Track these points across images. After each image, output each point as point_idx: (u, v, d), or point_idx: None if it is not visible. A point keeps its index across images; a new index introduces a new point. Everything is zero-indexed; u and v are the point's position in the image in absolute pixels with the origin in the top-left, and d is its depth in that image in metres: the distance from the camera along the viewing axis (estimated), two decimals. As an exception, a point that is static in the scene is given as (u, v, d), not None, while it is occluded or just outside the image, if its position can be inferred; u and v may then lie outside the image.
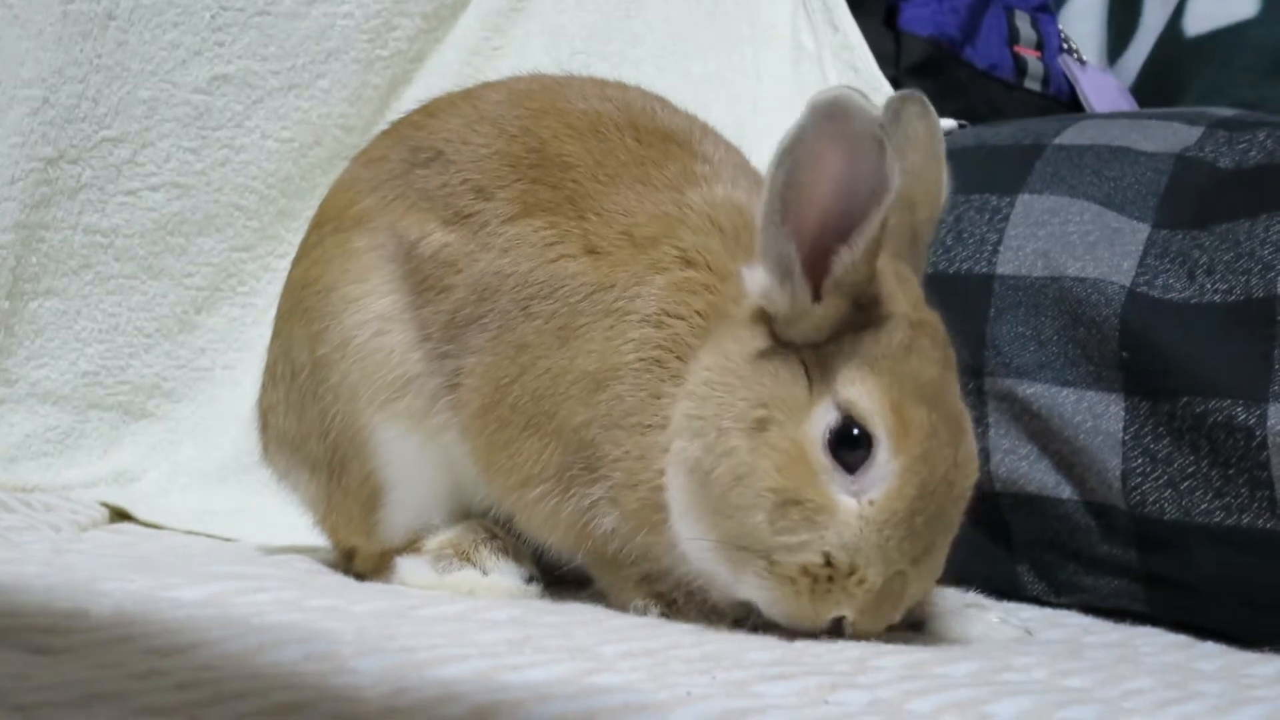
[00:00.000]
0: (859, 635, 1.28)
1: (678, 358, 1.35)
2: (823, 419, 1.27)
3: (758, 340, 1.31)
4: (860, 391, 1.26)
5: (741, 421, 1.28)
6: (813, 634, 1.29)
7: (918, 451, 1.25)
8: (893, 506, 1.25)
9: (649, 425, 1.35)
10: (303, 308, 1.56)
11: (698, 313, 1.36)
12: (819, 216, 1.26)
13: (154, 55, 2.24)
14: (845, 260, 1.26)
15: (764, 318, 1.32)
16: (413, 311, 1.49)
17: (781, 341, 1.30)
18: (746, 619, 1.34)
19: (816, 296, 1.28)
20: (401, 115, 1.68)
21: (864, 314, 1.29)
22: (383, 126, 1.72)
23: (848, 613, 1.27)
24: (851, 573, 1.26)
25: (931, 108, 1.44)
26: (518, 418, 1.42)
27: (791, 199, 1.26)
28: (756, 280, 1.31)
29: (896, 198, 1.24)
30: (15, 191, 2.12)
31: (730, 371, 1.31)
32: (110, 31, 2.20)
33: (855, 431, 1.26)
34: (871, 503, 1.25)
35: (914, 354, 1.29)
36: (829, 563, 1.26)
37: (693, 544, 1.32)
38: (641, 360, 1.36)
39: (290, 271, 1.64)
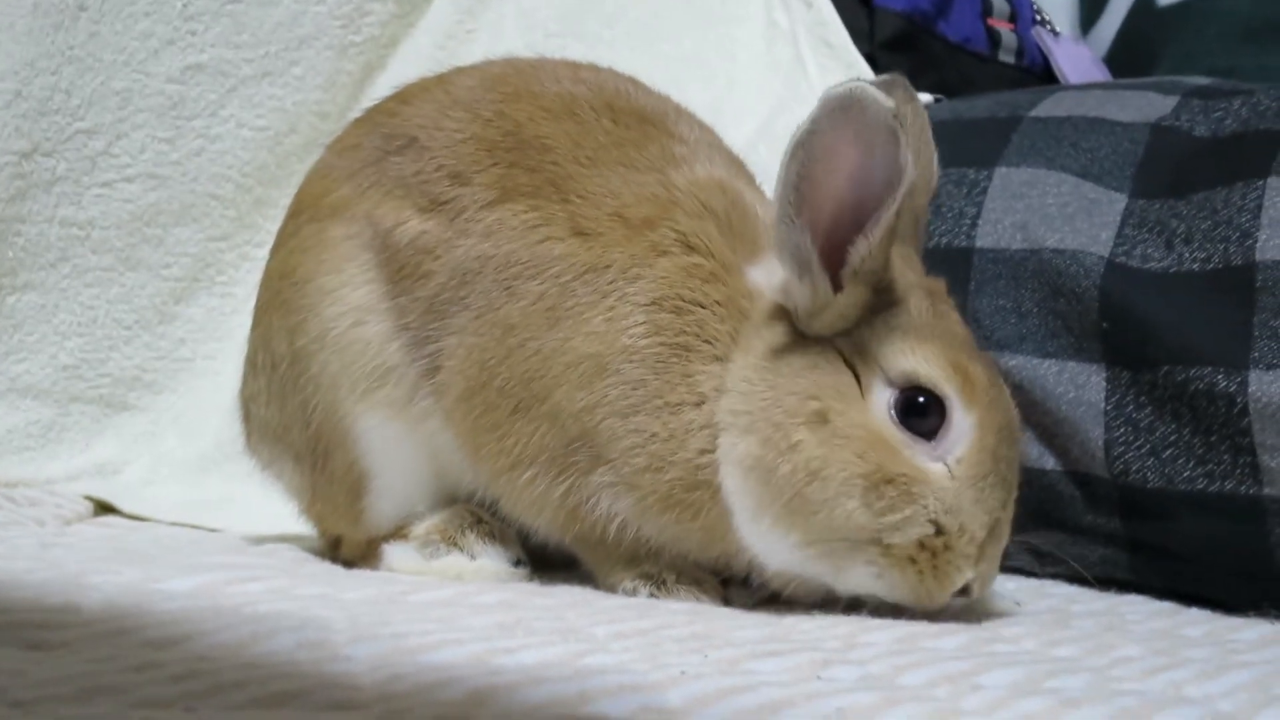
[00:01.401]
0: (977, 600, 1.33)
1: (706, 341, 1.37)
2: (881, 397, 1.30)
3: (780, 336, 1.34)
4: (918, 360, 1.30)
5: (797, 416, 1.30)
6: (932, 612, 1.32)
7: (985, 401, 1.30)
8: (979, 460, 1.30)
9: (680, 403, 1.35)
10: (280, 299, 1.55)
11: (717, 302, 1.38)
12: (834, 208, 1.29)
13: (126, 46, 2.23)
14: (862, 249, 1.28)
15: (782, 314, 1.34)
16: (390, 301, 1.49)
17: (805, 335, 1.33)
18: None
19: (835, 287, 1.30)
20: (375, 103, 1.67)
21: (882, 297, 1.32)
22: (357, 113, 1.71)
23: (969, 575, 1.30)
24: (962, 533, 1.29)
25: (913, 89, 1.46)
26: (505, 401, 1.41)
27: (806, 192, 1.28)
28: (773, 276, 1.35)
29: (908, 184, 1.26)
30: (-11, 186, 2.10)
31: (766, 368, 1.33)
32: (82, 23, 2.19)
33: (921, 399, 1.29)
34: (959, 461, 1.29)
35: (941, 318, 1.34)
36: (939, 530, 1.29)
37: (777, 546, 1.33)
38: (664, 345, 1.36)
39: (268, 262, 1.63)
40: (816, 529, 1.30)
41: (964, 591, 1.32)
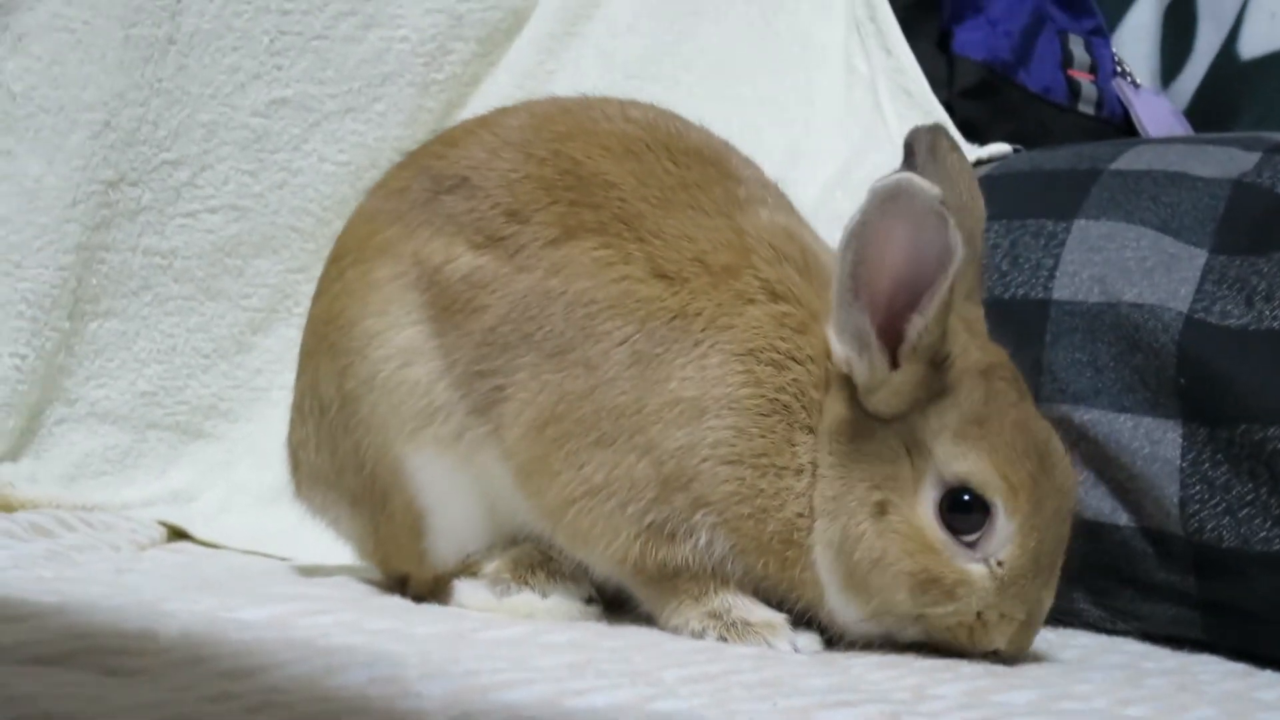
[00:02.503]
0: (1012, 658, 1.41)
1: (803, 408, 1.41)
2: (929, 495, 1.37)
3: (846, 410, 1.40)
4: (969, 465, 1.36)
5: (865, 506, 1.38)
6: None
7: (1029, 507, 1.36)
8: (1020, 561, 1.37)
9: (784, 468, 1.41)
10: (327, 344, 1.56)
11: (810, 358, 1.42)
12: (889, 288, 1.35)
13: (213, 79, 2.27)
14: (919, 326, 1.34)
15: (846, 383, 1.40)
16: (437, 340, 1.49)
17: (867, 412, 1.39)
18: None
19: (893, 364, 1.37)
20: (417, 146, 1.68)
21: (940, 375, 1.37)
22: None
23: (1001, 646, 1.40)
24: (1001, 619, 1.38)
25: (954, 138, 1.54)
26: (586, 431, 1.42)
27: (862, 276, 1.35)
28: (836, 350, 1.39)
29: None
30: (76, 213, 2.14)
31: (843, 453, 1.39)
32: (171, 56, 2.23)
33: (967, 497, 1.36)
34: (1000, 564, 1.37)
35: (992, 402, 1.38)
36: (980, 616, 1.38)
37: (850, 614, 1.42)
38: (764, 399, 1.41)
39: (311, 308, 1.64)
40: (880, 608, 1.40)
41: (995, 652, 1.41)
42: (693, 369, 1.41)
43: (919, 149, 1.52)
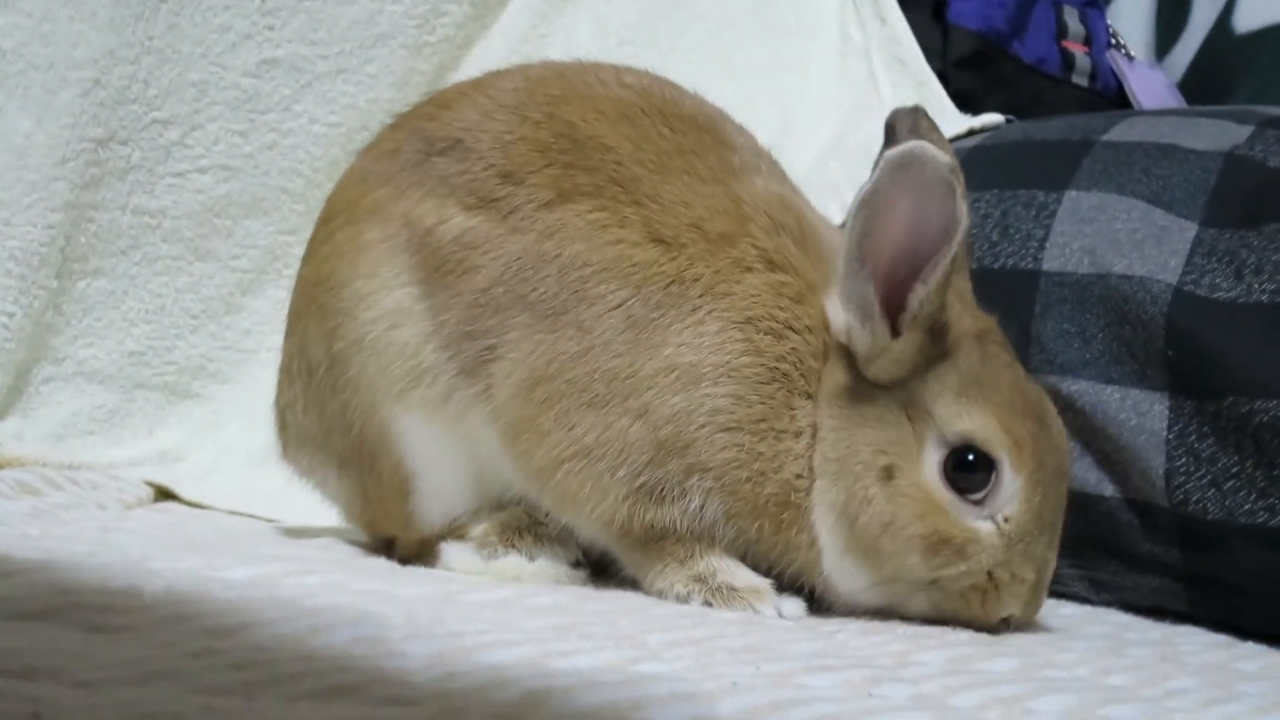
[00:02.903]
0: (1022, 625, 1.42)
1: (801, 376, 1.42)
2: (933, 456, 1.38)
3: (846, 378, 1.41)
4: (971, 422, 1.37)
5: (871, 469, 1.38)
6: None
7: (1033, 463, 1.37)
8: (1026, 517, 1.38)
9: (783, 431, 1.41)
10: (316, 305, 1.56)
11: (808, 328, 1.42)
12: (892, 257, 1.36)
13: (204, 38, 2.26)
14: (920, 295, 1.36)
15: (845, 353, 1.41)
16: (426, 301, 1.49)
17: (866, 380, 1.40)
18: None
19: (893, 332, 1.38)
20: (409, 108, 1.68)
21: (937, 342, 1.38)
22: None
23: (1015, 611, 1.40)
24: (1013, 580, 1.39)
25: (932, 120, 1.55)
26: (578, 393, 1.42)
27: (868, 246, 1.35)
28: (838, 319, 1.41)
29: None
30: (65, 172, 2.13)
31: (844, 415, 1.40)
32: (162, 14, 2.22)
33: (972, 457, 1.37)
34: (1007, 519, 1.38)
35: (989, 364, 1.40)
36: (992, 577, 1.39)
37: (852, 581, 1.42)
38: (764, 368, 1.41)
39: (300, 269, 1.64)
40: (889, 573, 1.40)
41: (1007, 620, 1.40)
42: (690, 335, 1.41)
43: (900, 130, 1.53)
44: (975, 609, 1.40)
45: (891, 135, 1.53)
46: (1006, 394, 1.39)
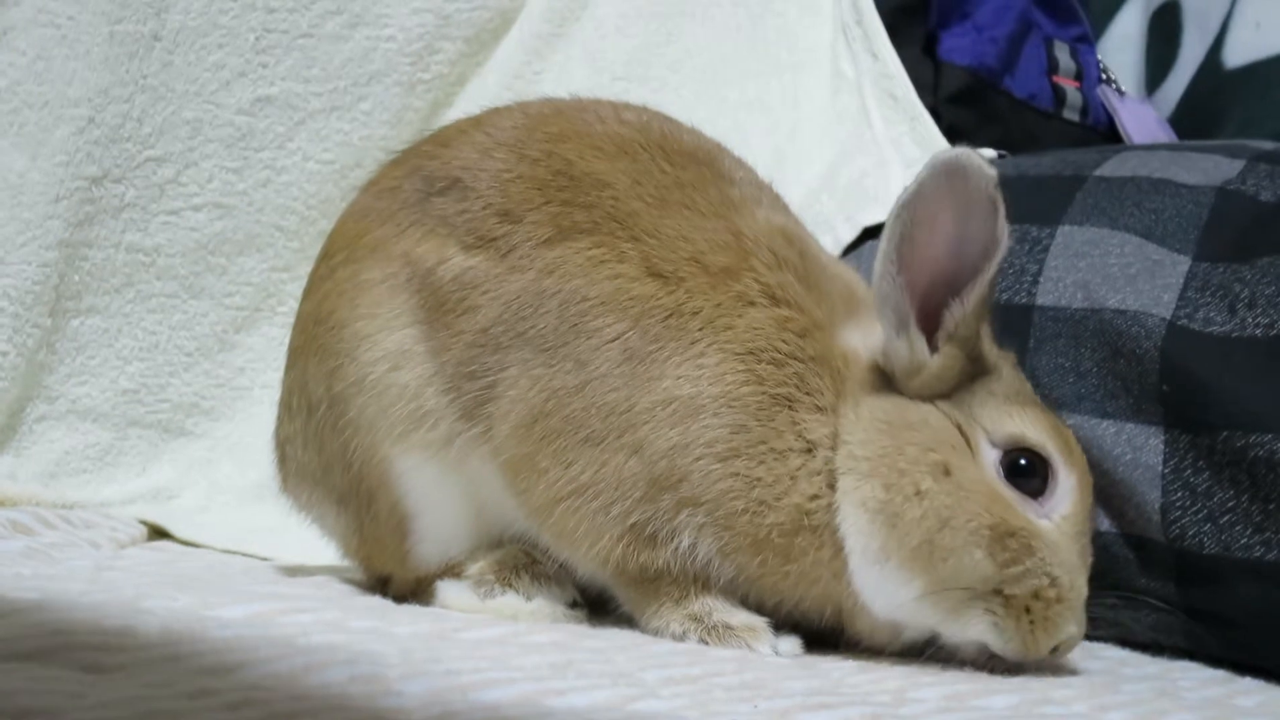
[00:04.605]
0: (1070, 648, 1.39)
1: (807, 394, 1.40)
2: (989, 457, 1.36)
3: (874, 387, 1.40)
4: (1023, 424, 1.37)
5: (920, 465, 1.35)
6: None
7: (1080, 466, 1.39)
8: (1079, 518, 1.38)
9: (787, 450, 1.39)
10: (317, 344, 1.55)
11: (812, 358, 1.41)
12: (931, 271, 1.35)
13: (198, 76, 2.27)
14: (957, 313, 1.35)
15: (882, 375, 1.40)
16: (426, 343, 1.49)
17: (906, 396, 1.39)
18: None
19: (931, 349, 1.37)
20: (409, 145, 1.68)
21: (976, 365, 1.39)
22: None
23: (1074, 629, 1.36)
24: (1072, 587, 1.36)
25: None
26: (575, 429, 1.41)
27: (906, 253, 1.34)
28: (870, 338, 1.41)
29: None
30: (60, 210, 2.14)
31: (881, 419, 1.38)
32: (156, 52, 2.23)
33: (1025, 460, 1.36)
34: (1064, 519, 1.37)
35: (1024, 387, 1.42)
36: (1053, 583, 1.34)
37: (896, 592, 1.37)
38: (766, 395, 1.39)
39: (301, 304, 1.64)
40: (942, 577, 1.35)
41: (1055, 649, 1.37)
42: (689, 367, 1.40)
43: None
44: (1037, 626, 1.34)
45: None
46: (1043, 408, 1.41)
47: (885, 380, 1.40)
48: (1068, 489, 1.37)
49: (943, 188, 1.31)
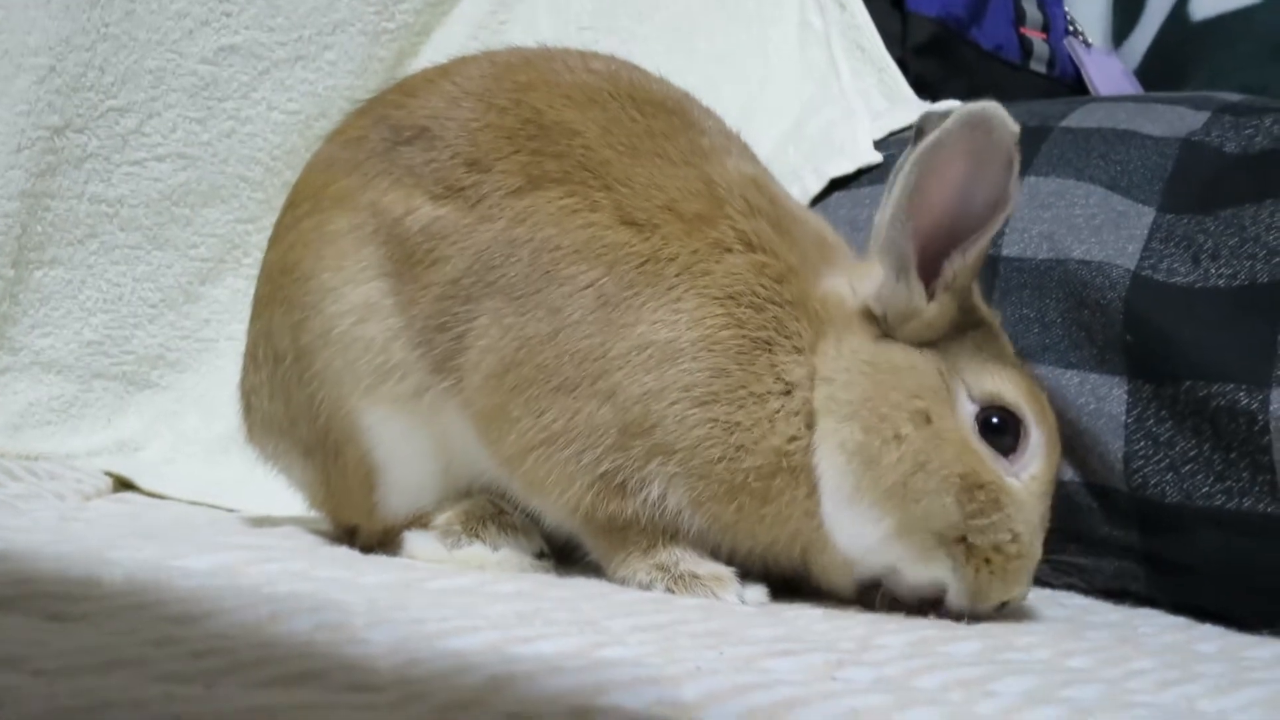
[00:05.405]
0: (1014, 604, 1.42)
1: (786, 337, 1.40)
2: (966, 411, 1.38)
3: (870, 337, 1.40)
4: (1002, 383, 1.39)
5: (902, 410, 1.36)
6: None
7: (1049, 428, 1.41)
8: (1045, 480, 1.40)
9: (766, 393, 1.39)
10: (282, 295, 1.54)
11: (790, 302, 1.41)
12: (935, 220, 1.36)
13: (161, 25, 2.24)
14: (956, 264, 1.36)
15: (869, 319, 1.41)
16: (394, 296, 1.48)
17: (893, 341, 1.40)
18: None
19: (928, 297, 1.38)
20: (375, 94, 1.66)
21: (966, 317, 1.40)
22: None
23: (1023, 587, 1.40)
24: (1032, 544, 1.38)
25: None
26: (547, 377, 1.40)
27: (916, 201, 1.35)
28: (858, 283, 1.41)
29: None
30: (21, 160, 2.11)
31: (865, 362, 1.39)
32: (118, 0, 2.20)
33: (997, 419, 1.38)
34: (1032, 478, 1.39)
35: (1007, 347, 1.43)
36: (1015, 539, 1.37)
37: (867, 531, 1.38)
38: (745, 338, 1.39)
39: (267, 253, 1.62)
40: (912, 519, 1.36)
41: (1004, 605, 1.40)
42: (665, 312, 1.39)
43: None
44: (995, 577, 1.37)
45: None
46: (1024, 371, 1.43)
47: (872, 324, 1.40)
48: (1037, 450, 1.39)
49: (964, 139, 1.31)
